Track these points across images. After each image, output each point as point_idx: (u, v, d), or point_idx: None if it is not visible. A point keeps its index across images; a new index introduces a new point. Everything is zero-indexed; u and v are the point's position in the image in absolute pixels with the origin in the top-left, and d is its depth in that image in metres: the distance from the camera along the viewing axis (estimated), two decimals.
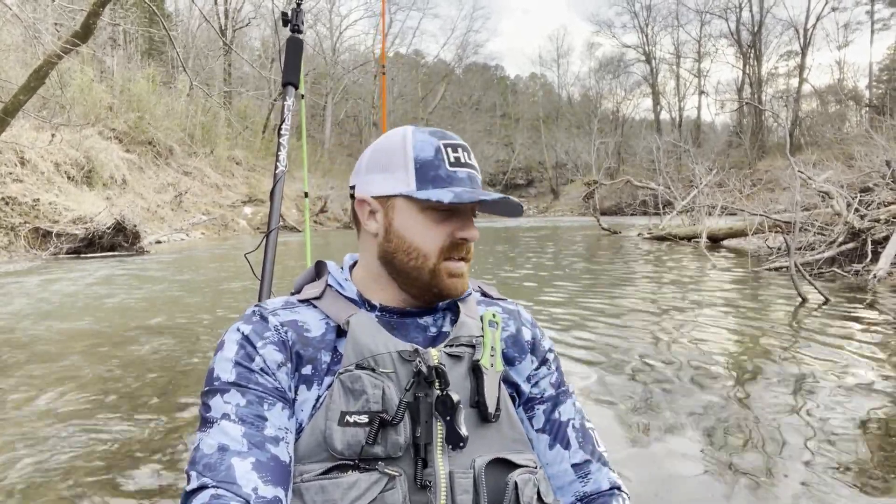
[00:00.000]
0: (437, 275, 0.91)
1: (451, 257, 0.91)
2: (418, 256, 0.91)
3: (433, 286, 0.92)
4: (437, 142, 0.92)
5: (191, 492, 0.75)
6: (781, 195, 14.63)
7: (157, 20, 16.53)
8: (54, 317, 5.95)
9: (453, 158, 0.91)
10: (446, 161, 0.90)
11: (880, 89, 45.44)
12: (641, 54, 61.17)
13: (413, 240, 0.91)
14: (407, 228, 0.91)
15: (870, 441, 2.74)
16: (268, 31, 41.87)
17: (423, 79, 61.89)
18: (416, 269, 0.91)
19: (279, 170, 1.99)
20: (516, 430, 0.92)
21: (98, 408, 3.25)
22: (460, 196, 0.87)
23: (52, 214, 13.41)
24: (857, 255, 8.60)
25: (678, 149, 34.02)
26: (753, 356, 4.28)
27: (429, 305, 0.97)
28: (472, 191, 0.89)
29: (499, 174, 64.29)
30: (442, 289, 0.92)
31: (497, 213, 0.97)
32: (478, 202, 0.89)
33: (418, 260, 0.91)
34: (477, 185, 0.93)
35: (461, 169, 0.91)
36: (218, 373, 0.85)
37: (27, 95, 10.18)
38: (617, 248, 14.75)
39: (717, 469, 2.47)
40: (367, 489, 0.78)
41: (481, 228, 1.05)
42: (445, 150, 0.91)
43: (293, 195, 25.94)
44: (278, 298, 0.98)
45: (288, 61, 2.15)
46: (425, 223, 0.90)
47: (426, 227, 0.90)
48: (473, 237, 0.91)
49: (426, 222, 0.90)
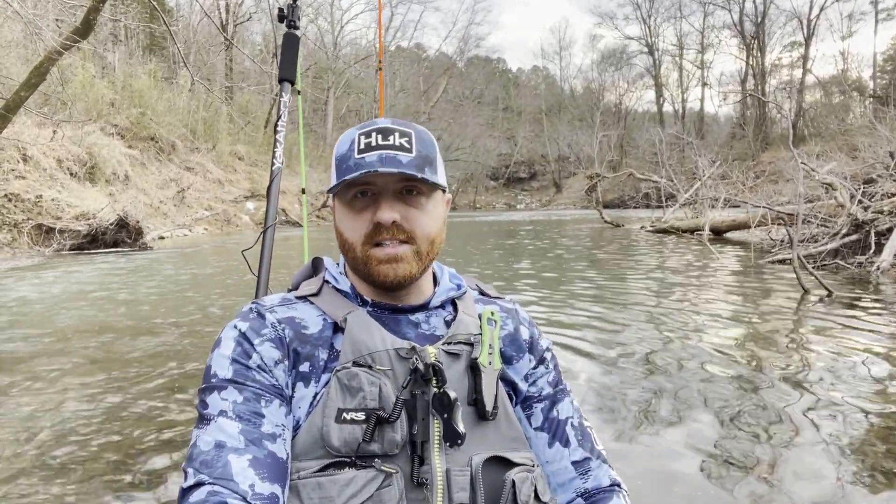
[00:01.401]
0: (368, 263, 0.91)
1: (377, 243, 0.90)
2: (349, 248, 0.93)
3: (368, 275, 0.92)
4: (355, 133, 0.92)
5: (188, 488, 0.75)
6: (785, 187, 14.60)
7: (157, 15, 16.53)
8: (56, 314, 5.97)
9: (363, 145, 0.90)
10: (356, 149, 0.90)
11: (884, 80, 45.20)
12: (644, 46, 61.03)
13: (343, 233, 0.93)
14: (340, 223, 0.94)
15: (874, 434, 2.74)
16: (269, 25, 41.72)
17: (425, 72, 61.74)
18: (353, 260, 0.93)
19: (275, 166, 1.99)
20: (514, 429, 0.92)
21: (100, 404, 3.26)
22: (344, 176, 0.89)
23: (55, 211, 13.44)
24: (861, 247, 8.57)
25: (681, 141, 33.93)
26: (756, 348, 4.28)
27: (392, 292, 0.95)
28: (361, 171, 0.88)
29: (501, 167, 64.26)
30: (374, 277, 0.91)
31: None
32: (405, 177, 0.88)
33: (350, 252, 0.93)
34: (391, 164, 0.87)
35: (370, 153, 0.89)
36: (215, 370, 0.85)
37: (28, 92, 10.18)
38: (620, 241, 14.72)
39: (719, 464, 2.47)
40: (364, 486, 0.78)
41: (481, 223, 1.04)
42: (358, 139, 0.91)
43: (295, 190, 25.97)
44: (275, 295, 0.98)
45: (284, 57, 2.15)
46: (349, 214, 0.92)
47: (350, 219, 0.92)
48: (384, 219, 0.87)
49: (350, 213, 0.92)
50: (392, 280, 0.90)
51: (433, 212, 0.93)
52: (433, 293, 0.99)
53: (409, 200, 0.91)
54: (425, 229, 0.92)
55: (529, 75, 76.01)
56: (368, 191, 0.90)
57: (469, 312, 0.99)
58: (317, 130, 44.87)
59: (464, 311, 0.98)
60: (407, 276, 0.91)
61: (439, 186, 0.93)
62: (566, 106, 66.95)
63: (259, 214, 24.45)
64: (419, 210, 0.91)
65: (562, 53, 71.32)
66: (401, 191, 0.90)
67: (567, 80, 71.53)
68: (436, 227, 0.94)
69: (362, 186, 0.90)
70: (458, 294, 1.01)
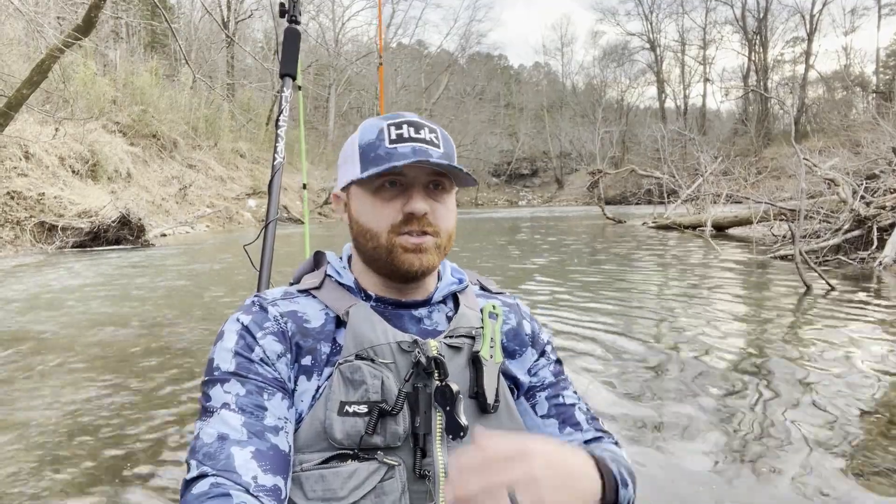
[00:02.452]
0: (392, 251, 0.90)
1: (405, 232, 0.89)
2: (372, 237, 0.91)
3: (390, 263, 0.91)
4: (382, 123, 0.92)
5: (191, 480, 0.75)
6: (787, 183, 14.59)
7: (159, 13, 16.52)
8: (59, 310, 5.98)
9: (395, 136, 0.90)
10: (386, 139, 0.90)
11: (887, 75, 45.00)
12: (646, 42, 60.77)
13: (366, 222, 0.92)
14: (361, 213, 0.93)
15: (877, 430, 2.74)
16: (270, 22, 41.70)
17: (427, 69, 61.64)
18: (374, 249, 0.92)
19: (277, 161, 2.00)
20: (515, 422, 0.92)
21: (104, 399, 3.27)
22: (379, 166, 0.87)
23: (58, 208, 13.46)
24: (863, 243, 8.56)
25: (683, 137, 33.88)
26: (758, 344, 4.28)
27: (406, 284, 0.95)
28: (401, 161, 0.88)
29: (503, 164, 64.16)
30: (398, 264, 0.90)
31: (460, 184, 0.95)
32: (435, 171, 0.89)
33: (373, 240, 0.91)
34: (425, 157, 0.88)
35: (403, 144, 0.89)
36: (218, 363, 0.85)
37: (30, 89, 10.19)
38: (622, 238, 14.71)
39: (723, 461, 2.48)
40: (367, 478, 0.78)
41: (480, 220, 1.04)
42: (388, 129, 0.91)
43: (296, 186, 25.95)
44: (278, 289, 0.99)
45: (285, 52, 2.15)
46: (375, 204, 0.91)
47: (376, 208, 0.91)
48: (417, 210, 0.88)
49: (376, 203, 0.91)
50: (417, 269, 0.90)
51: (453, 207, 0.95)
52: (435, 288, 1.00)
53: (435, 195, 0.92)
54: (447, 223, 0.93)
55: (531, 72, 75.87)
56: (397, 181, 0.90)
57: (471, 306, 0.99)
58: (318, 128, 44.85)
59: (465, 305, 0.99)
60: (430, 266, 0.92)
61: (469, 183, 0.95)
62: (568, 102, 66.77)
63: (261, 211, 24.46)
64: (442, 205, 0.92)
65: (563, 50, 71.11)
66: (428, 184, 0.91)
67: (569, 76, 71.38)
68: (454, 222, 0.96)
69: (392, 176, 0.90)
70: (459, 288, 1.02)
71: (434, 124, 0.94)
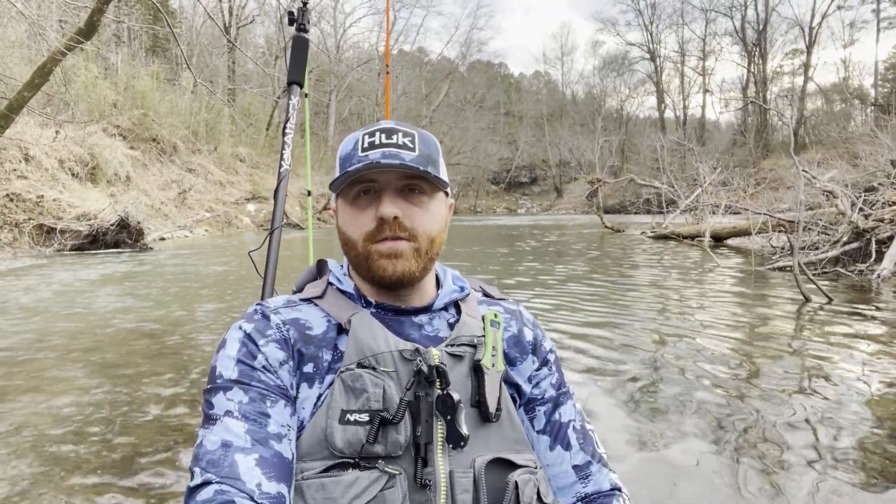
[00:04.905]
0: (369, 258, 0.91)
1: (380, 239, 0.91)
2: (352, 246, 0.93)
3: (368, 270, 0.92)
4: (359, 134, 0.94)
5: (194, 487, 0.75)
6: (785, 194, 14.61)
7: (161, 17, 16.55)
8: (58, 313, 5.97)
9: (367, 143, 0.91)
10: (360, 148, 0.92)
11: (886, 88, 45.19)
12: (646, 52, 61.04)
13: (346, 231, 0.94)
14: (343, 223, 0.95)
15: (874, 440, 2.74)
16: (272, 28, 41.88)
17: (427, 76, 61.78)
18: (355, 257, 0.94)
19: (283, 168, 2.00)
20: (517, 430, 0.92)
21: (103, 405, 3.26)
22: (346, 170, 0.90)
23: (57, 211, 13.45)
24: (861, 255, 8.58)
25: (682, 147, 33.91)
26: (756, 356, 4.28)
27: (392, 291, 0.95)
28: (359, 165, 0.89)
29: (502, 172, 64.23)
30: (374, 271, 0.91)
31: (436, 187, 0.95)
32: (407, 175, 0.90)
33: (353, 249, 0.94)
34: (394, 161, 0.88)
35: (373, 150, 0.90)
36: (220, 370, 0.85)
37: (31, 92, 10.21)
38: (620, 247, 14.72)
39: (721, 469, 2.47)
40: (367, 487, 0.78)
41: (478, 228, 1.04)
42: (362, 138, 0.93)
43: (296, 192, 25.93)
44: (280, 297, 0.99)
45: (293, 60, 2.16)
46: (353, 213, 0.93)
47: (353, 217, 0.93)
48: (385, 214, 0.88)
49: (354, 212, 0.93)
50: (391, 275, 0.91)
51: (435, 211, 0.94)
52: (436, 295, 1.00)
53: (411, 198, 0.92)
54: (426, 227, 0.92)
55: (531, 80, 76.18)
56: (371, 189, 0.91)
57: (472, 314, 0.99)
58: (318, 133, 44.90)
59: (467, 313, 0.98)
60: (406, 272, 0.91)
61: (441, 186, 0.94)
62: (567, 111, 66.99)
63: (260, 216, 24.46)
64: (420, 208, 0.92)
65: (563, 59, 71.43)
66: (403, 189, 0.91)
67: (569, 85, 71.68)
68: (437, 226, 0.94)
69: (365, 184, 0.91)
70: (461, 296, 1.02)
71: (413, 128, 0.94)
